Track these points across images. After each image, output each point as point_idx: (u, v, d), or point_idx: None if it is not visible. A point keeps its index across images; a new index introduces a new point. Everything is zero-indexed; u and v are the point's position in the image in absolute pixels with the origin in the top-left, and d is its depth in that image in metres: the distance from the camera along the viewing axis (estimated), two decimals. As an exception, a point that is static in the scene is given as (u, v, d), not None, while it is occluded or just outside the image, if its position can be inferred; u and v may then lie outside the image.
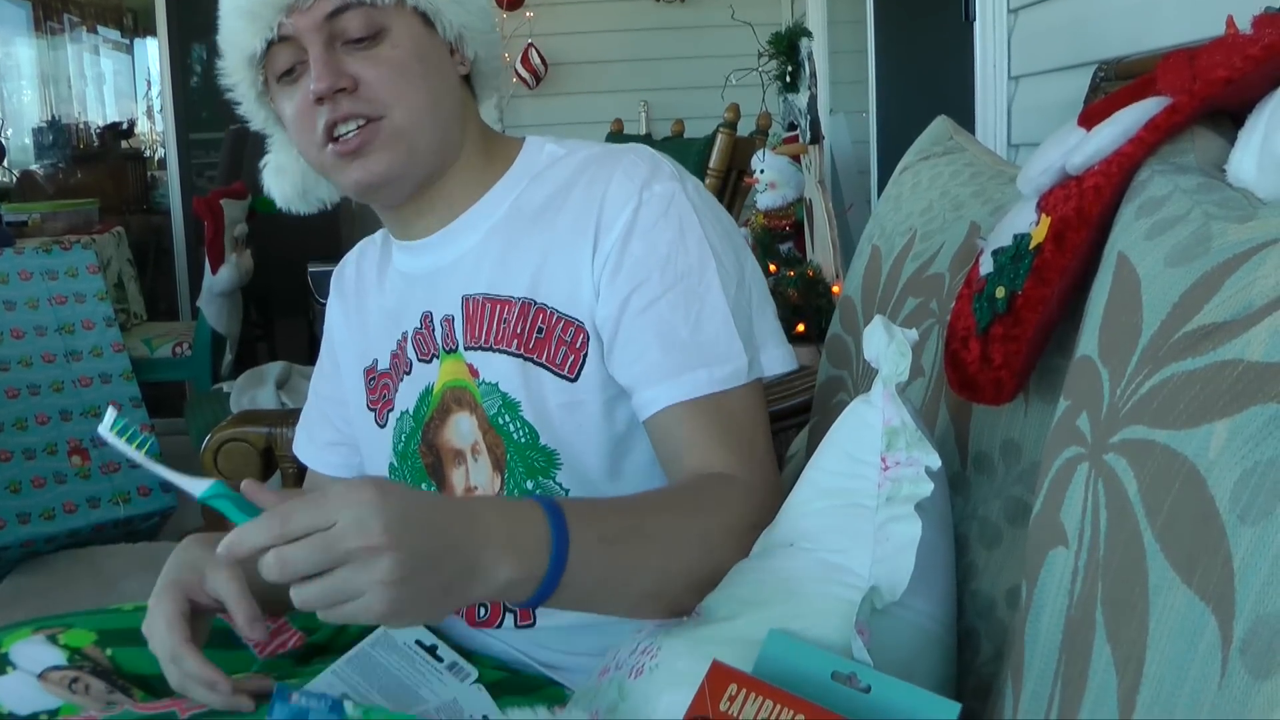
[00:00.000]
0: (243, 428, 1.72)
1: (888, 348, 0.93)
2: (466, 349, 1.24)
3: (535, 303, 1.20)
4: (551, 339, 1.19)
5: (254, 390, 3.30)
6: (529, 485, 1.21)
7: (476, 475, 1.25)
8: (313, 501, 0.84)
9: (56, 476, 3.42)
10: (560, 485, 1.20)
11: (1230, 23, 0.94)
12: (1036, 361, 0.93)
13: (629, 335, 1.16)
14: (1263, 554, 0.52)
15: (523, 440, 1.21)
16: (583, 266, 1.18)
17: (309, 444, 1.49)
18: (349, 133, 1.17)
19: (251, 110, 1.32)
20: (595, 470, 1.20)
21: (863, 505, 0.91)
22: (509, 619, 1.24)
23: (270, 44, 1.20)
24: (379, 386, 1.35)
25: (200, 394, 3.99)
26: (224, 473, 1.69)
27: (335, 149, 1.18)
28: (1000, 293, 0.90)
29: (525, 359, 1.20)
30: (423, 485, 1.29)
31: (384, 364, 1.34)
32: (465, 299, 1.25)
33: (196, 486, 0.96)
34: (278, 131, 1.34)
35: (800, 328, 2.78)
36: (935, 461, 0.90)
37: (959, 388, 0.97)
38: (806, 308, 2.62)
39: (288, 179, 1.37)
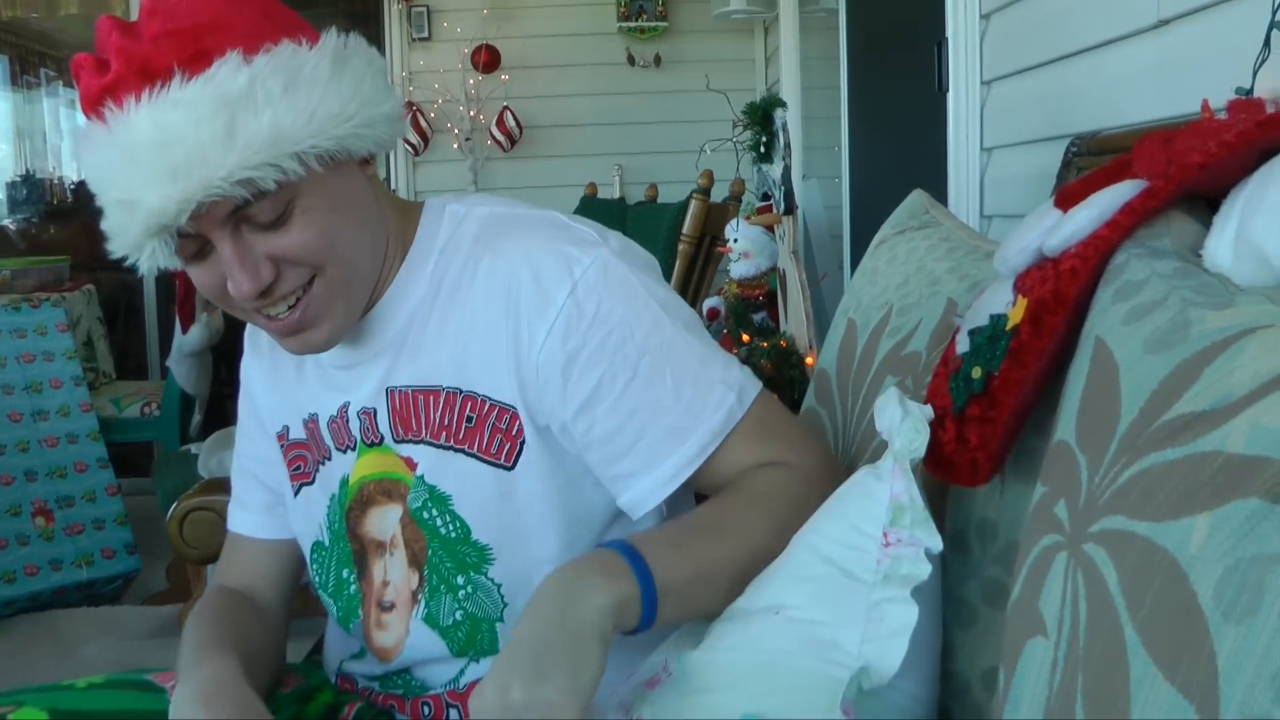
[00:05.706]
0: (209, 496, 1.70)
1: (902, 422, 0.92)
2: (397, 442, 1.17)
3: (463, 391, 1.13)
4: (484, 427, 1.13)
5: (222, 453, 3.24)
6: (459, 580, 1.16)
7: (394, 570, 1.20)
8: None
9: (19, 538, 3.36)
10: (492, 581, 1.15)
11: (1205, 107, 0.95)
12: (1013, 443, 0.93)
13: (610, 430, 1.09)
14: (1248, 654, 0.51)
15: (453, 535, 1.15)
16: (502, 350, 1.11)
17: (244, 513, 1.36)
18: (281, 314, 1.09)
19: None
20: (546, 558, 1.13)
21: (858, 579, 0.90)
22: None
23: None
24: (294, 458, 1.28)
25: (168, 454, 3.94)
26: (189, 541, 1.67)
27: (270, 327, 1.11)
28: (977, 373, 0.90)
29: (455, 450, 1.14)
30: (345, 571, 1.24)
31: (296, 433, 1.27)
32: (390, 392, 1.17)
33: None
34: None
35: (773, 400, 2.73)
36: (937, 544, 0.88)
37: (934, 467, 0.97)
38: (780, 379, 2.59)
39: None
